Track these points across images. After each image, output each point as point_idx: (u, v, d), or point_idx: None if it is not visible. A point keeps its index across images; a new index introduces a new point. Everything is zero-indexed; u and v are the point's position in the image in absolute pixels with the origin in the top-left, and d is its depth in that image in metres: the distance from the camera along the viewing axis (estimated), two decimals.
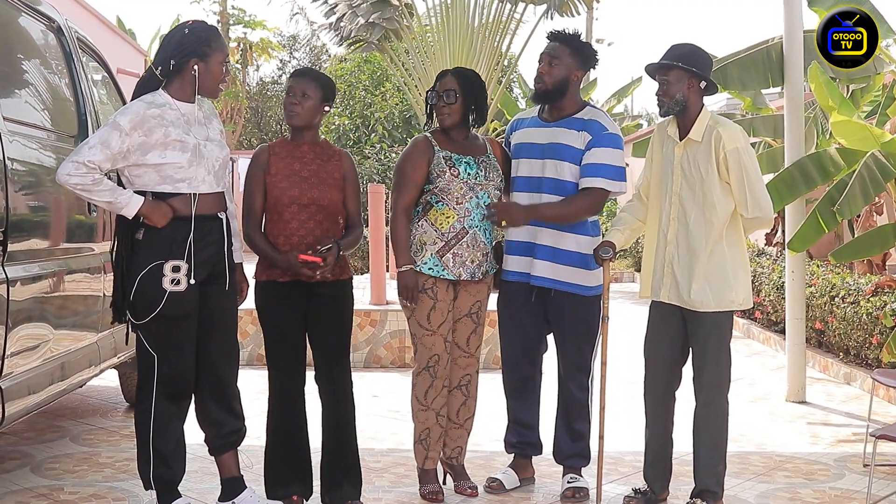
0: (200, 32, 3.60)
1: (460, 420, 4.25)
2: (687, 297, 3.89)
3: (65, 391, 4.23)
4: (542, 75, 4.12)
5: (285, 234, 3.81)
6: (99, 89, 5.13)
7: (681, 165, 3.92)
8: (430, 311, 4.08)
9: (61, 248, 4.17)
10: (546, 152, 4.13)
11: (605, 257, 4.00)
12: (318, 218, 3.81)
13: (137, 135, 3.45)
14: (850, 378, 6.90)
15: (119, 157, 3.46)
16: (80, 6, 13.41)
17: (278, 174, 3.83)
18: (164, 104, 3.54)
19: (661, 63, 3.90)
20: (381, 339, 7.44)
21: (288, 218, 3.80)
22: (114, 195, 3.47)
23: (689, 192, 3.90)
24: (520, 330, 4.24)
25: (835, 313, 7.11)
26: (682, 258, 3.91)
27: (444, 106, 4.07)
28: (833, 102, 6.01)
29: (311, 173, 3.84)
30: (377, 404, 6.07)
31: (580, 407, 4.23)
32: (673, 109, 3.90)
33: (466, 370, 4.23)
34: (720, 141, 3.83)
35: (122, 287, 3.57)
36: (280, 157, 3.86)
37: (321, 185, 3.82)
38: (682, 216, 3.92)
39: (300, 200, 3.79)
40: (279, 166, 3.84)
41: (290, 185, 3.80)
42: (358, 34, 13.83)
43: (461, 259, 4.06)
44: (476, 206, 4.08)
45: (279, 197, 3.80)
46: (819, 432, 5.56)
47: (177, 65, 3.54)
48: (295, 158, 3.86)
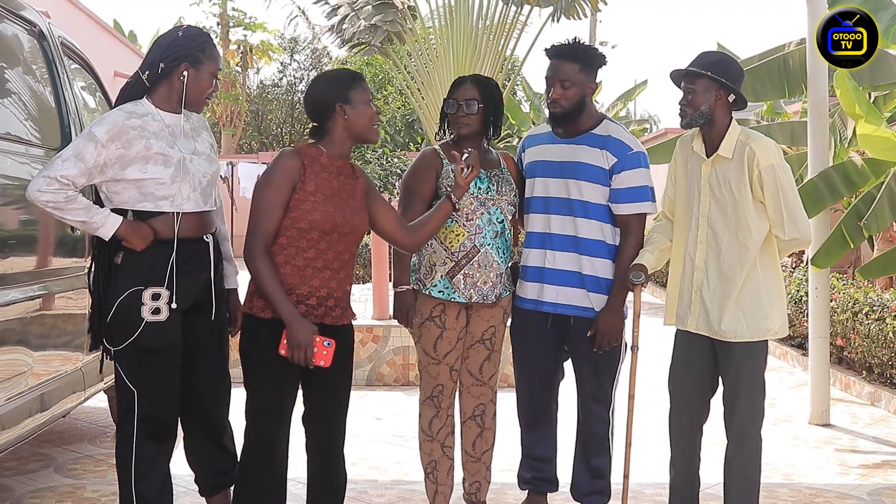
0: (195, 37, 3.29)
1: (477, 453, 3.96)
2: (717, 326, 3.59)
3: (45, 423, 3.93)
4: (557, 100, 3.78)
5: (317, 265, 3.17)
6: (86, 96, 4.82)
7: (709, 184, 3.62)
8: (438, 339, 3.79)
9: (43, 269, 3.88)
10: (565, 171, 3.82)
11: (637, 282, 3.69)
12: (351, 248, 3.25)
13: (115, 147, 3.13)
14: (875, 398, 6.60)
15: (95, 172, 3.14)
16: (75, 8, 13.12)
17: (318, 193, 3.15)
18: (147, 114, 3.23)
19: (689, 70, 3.59)
20: (384, 356, 7.13)
21: (324, 247, 3.17)
22: (88, 214, 3.14)
23: (719, 213, 3.60)
24: (535, 358, 3.94)
25: (858, 330, 6.81)
26: (713, 285, 3.61)
27: (465, 115, 3.78)
28: (860, 110, 5.71)
29: (349, 195, 3.24)
30: (380, 428, 5.77)
31: (599, 441, 3.93)
32: (696, 121, 3.59)
33: (480, 399, 3.94)
34: (754, 158, 3.52)
35: (99, 313, 3.26)
36: (315, 170, 3.19)
37: (356, 208, 3.25)
38: (711, 239, 3.62)
39: (342, 228, 3.18)
40: (319, 183, 3.17)
41: (334, 210, 3.16)
42: (360, 37, 13.54)
43: (472, 280, 3.77)
44: (488, 223, 3.78)
45: (319, 222, 3.13)
46: (847, 460, 5.26)
47: (166, 69, 3.22)
48: (332, 175, 3.23)
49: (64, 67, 4.38)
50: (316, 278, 3.17)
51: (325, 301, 3.19)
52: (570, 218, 3.82)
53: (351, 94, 3.19)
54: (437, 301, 3.78)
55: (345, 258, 3.23)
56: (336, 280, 3.21)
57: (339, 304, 3.25)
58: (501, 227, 3.82)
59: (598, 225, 3.82)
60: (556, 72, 3.79)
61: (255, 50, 24.20)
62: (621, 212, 3.81)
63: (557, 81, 3.77)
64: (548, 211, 3.85)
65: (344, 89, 3.20)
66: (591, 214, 3.80)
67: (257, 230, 3.12)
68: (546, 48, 3.84)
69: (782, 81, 6.55)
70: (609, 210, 3.82)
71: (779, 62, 6.59)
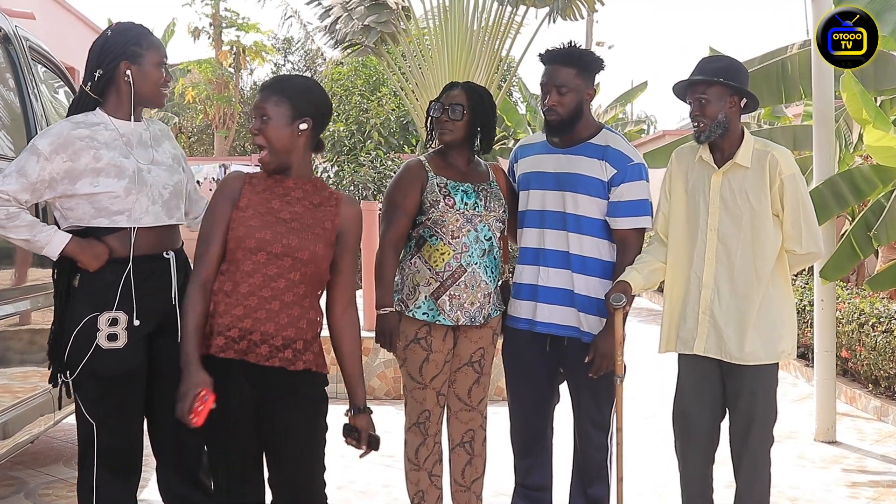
0: (127, 31, 3.02)
1: (466, 482, 3.74)
2: (736, 349, 3.36)
3: (8, 453, 3.70)
4: (553, 108, 3.55)
5: (241, 291, 2.75)
6: (57, 104, 4.59)
7: (720, 196, 3.40)
8: (423, 362, 3.57)
9: (7, 288, 3.65)
10: (562, 184, 3.60)
11: (617, 306, 3.41)
12: (292, 276, 2.78)
13: (61, 160, 2.89)
14: (882, 413, 6.38)
15: (42, 187, 2.90)
16: (62, 8, 12.88)
17: (249, 208, 2.79)
18: (98, 123, 2.98)
19: (699, 79, 3.36)
20: (375, 369, 6.90)
21: (249, 269, 2.75)
22: (32, 232, 2.89)
23: (732, 226, 3.38)
24: (530, 382, 3.72)
25: (864, 342, 6.58)
26: (726, 304, 3.39)
27: (448, 121, 3.55)
28: (868, 115, 5.49)
29: (294, 216, 2.83)
30: None
31: (598, 469, 3.70)
32: (714, 133, 3.36)
33: (469, 425, 3.71)
34: (776, 166, 3.31)
35: (56, 344, 3.02)
36: (256, 189, 2.84)
37: (304, 233, 2.81)
38: (722, 255, 3.40)
39: (271, 247, 2.76)
40: (253, 200, 2.81)
41: (261, 225, 2.77)
42: (353, 37, 13.33)
43: (459, 301, 3.54)
44: (475, 241, 3.55)
45: (243, 238, 2.75)
46: (856, 481, 5.04)
47: (106, 73, 2.97)
48: (276, 195, 2.85)
49: (32, 73, 4.14)
50: (239, 306, 2.74)
51: (248, 334, 2.74)
52: (564, 233, 3.60)
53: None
54: (421, 323, 3.56)
55: (280, 286, 2.76)
56: (265, 311, 2.75)
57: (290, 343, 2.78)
58: (489, 244, 3.59)
59: (593, 241, 3.60)
60: (551, 77, 3.56)
61: (248, 51, 23.93)
62: (620, 226, 3.58)
63: (553, 87, 3.55)
64: (542, 225, 3.63)
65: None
66: (585, 230, 3.57)
67: (195, 261, 2.82)
68: (540, 53, 3.62)
69: (780, 86, 6.36)
70: (605, 225, 3.60)
71: (777, 66, 6.39)
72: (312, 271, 2.80)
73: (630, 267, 3.55)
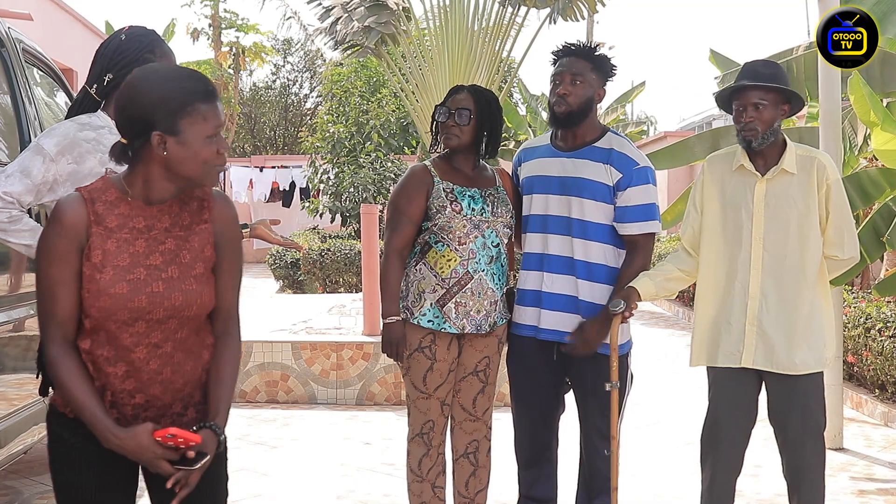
0: (142, 37, 2.93)
1: (470, 493, 3.66)
2: (787, 359, 3.28)
3: (1, 464, 3.62)
4: (564, 96, 3.46)
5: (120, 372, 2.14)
6: (52, 108, 4.51)
7: (765, 204, 3.31)
8: (427, 371, 3.49)
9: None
10: (567, 188, 3.51)
11: (615, 311, 3.33)
12: (181, 335, 2.19)
13: (66, 161, 2.79)
14: (889, 419, 6.29)
15: (44, 189, 2.80)
16: (60, 9, 12.79)
17: (107, 264, 2.11)
18: (102, 127, 2.89)
19: (760, 85, 3.28)
20: (375, 375, 6.81)
21: (129, 344, 2.12)
22: (34, 237, 2.77)
23: (779, 234, 3.30)
24: (536, 391, 3.63)
25: (870, 347, 6.50)
26: (774, 314, 3.31)
27: (455, 126, 3.47)
28: (876, 117, 5.41)
29: (170, 257, 2.17)
30: (369, 454, 5.46)
31: (604, 480, 3.61)
32: (768, 139, 3.30)
33: (473, 436, 3.63)
34: (824, 171, 3.26)
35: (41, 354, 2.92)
36: (108, 225, 2.13)
37: (186, 280, 2.17)
38: (770, 264, 3.31)
39: (153, 314, 2.13)
40: (108, 246, 2.12)
41: (132, 289, 2.11)
42: (353, 38, 13.25)
43: (465, 309, 3.46)
44: (482, 247, 3.47)
45: (110, 309, 2.09)
46: (865, 489, 4.96)
47: (115, 79, 2.88)
48: (138, 232, 2.15)
49: (25, 76, 4.06)
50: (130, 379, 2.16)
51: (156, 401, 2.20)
52: (569, 238, 3.51)
53: (181, 122, 2.10)
54: (426, 331, 3.47)
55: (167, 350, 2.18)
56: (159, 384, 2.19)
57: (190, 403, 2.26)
58: (497, 251, 3.51)
59: (598, 247, 3.51)
60: (567, 66, 3.49)
61: (247, 52, 23.86)
62: (628, 232, 3.50)
63: (568, 75, 3.47)
64: (546, 230, 3.55)
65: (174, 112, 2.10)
66: (591, 235, 3.49)
67: (45, 317, 2.14)
68: (557, 47, 3.54)
69: None
70: (612, 230, 3.52)
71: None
72: (202, 321, 2.25)
73: (644, 273, 3.47)
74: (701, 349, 3.49)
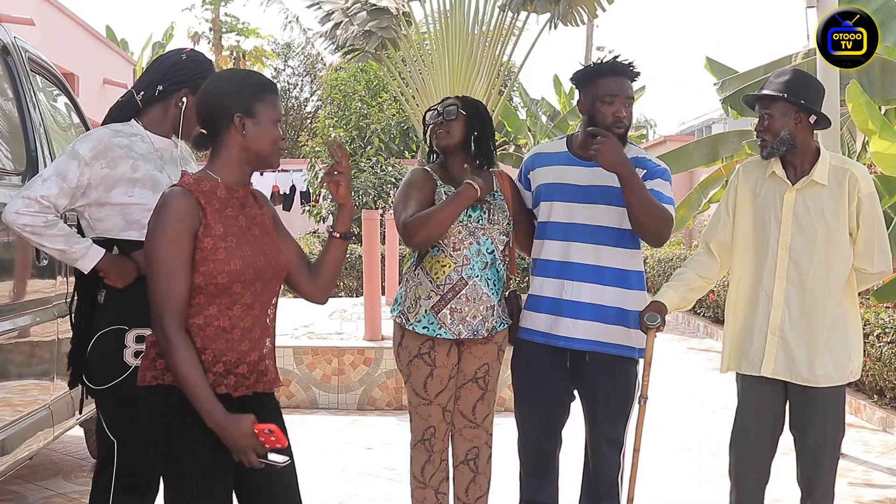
0: (200, 62, 3.04)
1: (470, 500, 3.69)
2: (807, 371, 3.29)
3: (6, 470, 3.65)
4: (621, 120, 3.46)
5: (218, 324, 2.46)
6: (57, 116, 4.54)
7: (794, 213, 3.31)
8: (427, 378, 3.52)
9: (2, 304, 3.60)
10: (593, 197, 3.53)
11: (651, 325, 3.36)
12: (265, 298, 2.56)
13: (100, 166, 2.86)
14: (887, 424, 6.33)
15: (78, 193, 2.87)
16: (62, 14, 12.83)
17: (228, 234, 2.46)
18: (136, 134, 2.97)
19: (764, 94, 3.31)
20: (376, 379, 6.85)
21: (228, 303, 2.47)
22: (69, 243, 2.85)
23: (805, 245, 3.30)
24: (542, 399, 3.64)
25: (869, 352, 6.54)
26: (797, 324, 3.31)
27: (443, 122, 3.51)
28: (873, 125, 5.45)
29: (263, 229, 2.59)
30: (371, 459, 5.49)
31: (609, 485, 3.63)
32: (778, 149, 3.30)
33: (473, 442, 3.66)
34: (856, 184, 3.24)
35: (78, 346, 2.99)
36: (214, 206, 2.48)
37: (276, 246, 2.61)
38: (794, 274, 3.32)
39: (266, 272, 2.52)
40: (222, 220, 2.48)
41: (254, 251, 2.49)
42: (353, 42, 13.29)
43: (461, 315, 3.48)
44: (476, 254, 3.50)
45: (240, 271, 2.45)
46: (863, 496, 5.00)
47: (164, 91, 2.97)
48: (237, 209, 2.54)
49: (31, 85, 4.10)
50: (245, 340, 2.49)
51: (256, 366, 2.52)
52: (593, 246, 3.52)
53: (257, 105, 2.50)
54: (424, 337, 3.50)
55: (273, 310, 2.61)
56: (269, 338, 2.58)
57: (272, 365, 2.62)
58: (492, 257, 3.54)
59: (626, 252, 3.54)
60: (622, 88, 3.49)
61: (247, 56, 23.93)
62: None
63: (626, 99, 3.49)
64: (568, 238, 3.55)
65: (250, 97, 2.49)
66: (618, 242, 3.51)
67: (163, 300, 2.38)
68: (607, 62, 3.53)
69: None
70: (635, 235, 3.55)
71: None
72: (282, 280, 2.65)
73: (666, 285, 3.51)
74: (730, 355, 3.51)
